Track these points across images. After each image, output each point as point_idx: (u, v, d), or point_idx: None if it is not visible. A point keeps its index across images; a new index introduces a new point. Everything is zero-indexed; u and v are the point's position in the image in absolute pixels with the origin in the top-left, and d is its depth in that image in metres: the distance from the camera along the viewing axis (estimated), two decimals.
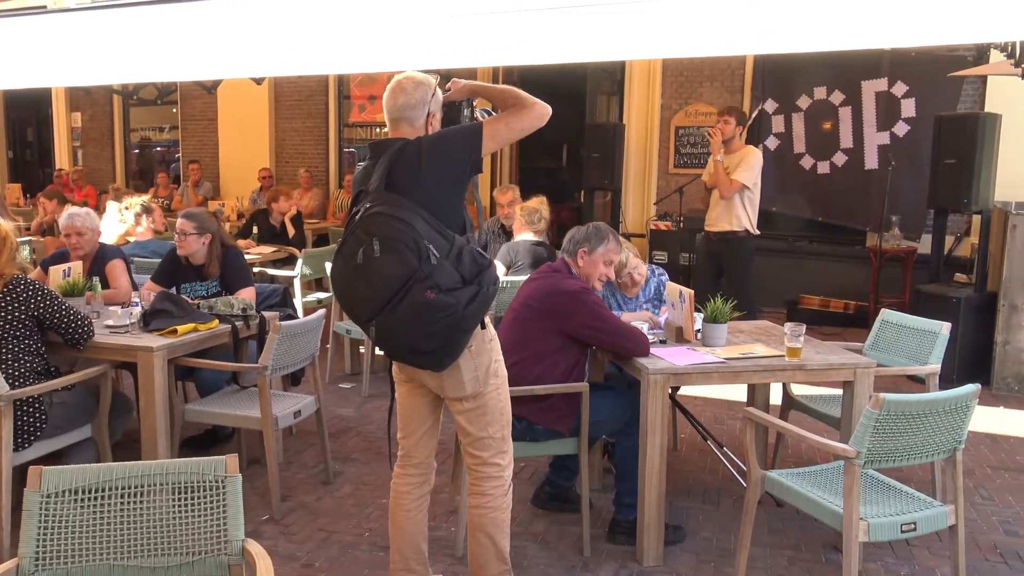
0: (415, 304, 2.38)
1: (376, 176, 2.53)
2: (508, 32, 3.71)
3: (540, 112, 2.60)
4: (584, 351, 3.44)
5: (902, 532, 2.73)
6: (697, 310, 3.66)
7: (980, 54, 7.13)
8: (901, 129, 7.82)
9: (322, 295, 6.76)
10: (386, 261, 2.39)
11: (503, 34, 3.72)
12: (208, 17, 4.41)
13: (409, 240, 2.39)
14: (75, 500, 1.97)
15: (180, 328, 3.75)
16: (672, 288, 3.71)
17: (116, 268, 4.50)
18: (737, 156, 6.04)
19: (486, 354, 2.64)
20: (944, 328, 3.83)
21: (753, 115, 8.48)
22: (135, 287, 4.59)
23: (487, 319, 2.64)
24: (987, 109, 7.12)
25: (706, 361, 3.32)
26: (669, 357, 3.33)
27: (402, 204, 2.45)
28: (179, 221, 4.39)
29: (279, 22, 4.23)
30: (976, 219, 6.79)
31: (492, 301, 2.58)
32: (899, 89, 7.78)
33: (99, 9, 4.88)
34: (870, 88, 7.92)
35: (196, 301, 4.15)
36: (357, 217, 2.51)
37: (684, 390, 4.92)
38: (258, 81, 9.69)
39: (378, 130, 10.92)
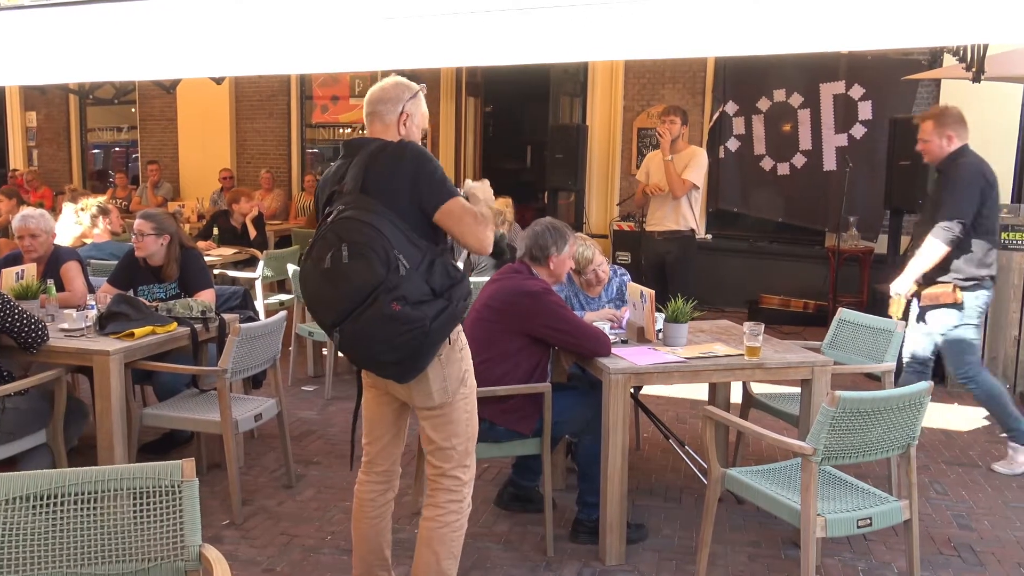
0: (380, 315, 2.33)
1: (351, 177, 2.47)
2: (472, 33, 3.71)
3: (483, 239, 2.49)
4: (546, 351, 3.46)
5: (858, 527, 2.78)
6: (658, 310, 3.69)
7: (934, 58, 7.28)
8: (858, 131, 7.96)
9: (284, 297, 6.70)
10: (354, 268, 2.33)
11: (467, 35, 3.72)
12: (166, 14, 4.35)
13: (379, 248, 2.33)
14: (28, 507, 1.93)
15: (137, 331, 3.69)
16: (633, 288, 3.73)
17: (71, 270, 4.42)
18: (685, 155, 6.00)
19: (456, 363, 2.57)
20: (899, 327, 3.90)
21: (714, 117, 8.60)
22: (92, 289, 4.51)
23: (459, 328, 2.58)
24: None
25: (667, 361, 3.35)
26: (630, 357, 3.36)
27: (375, 209, 2.38)
28: (137, 222, 4.33)
29: (238, 20, 4.19)
30: None
31: (462, 317, 2.52)
32: (856, 92, 7.92)
33: (54, 7, 4.79)
34: (828, 91, 8.05)
35: (154, 303, 4.09)
36: (329, 219, 2.44)
37: (647, 389, 4.96)
38: (218, 81, 9.57)
39: (341, 130, 10.84)
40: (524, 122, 10.88)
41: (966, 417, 5.34)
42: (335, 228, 2.40)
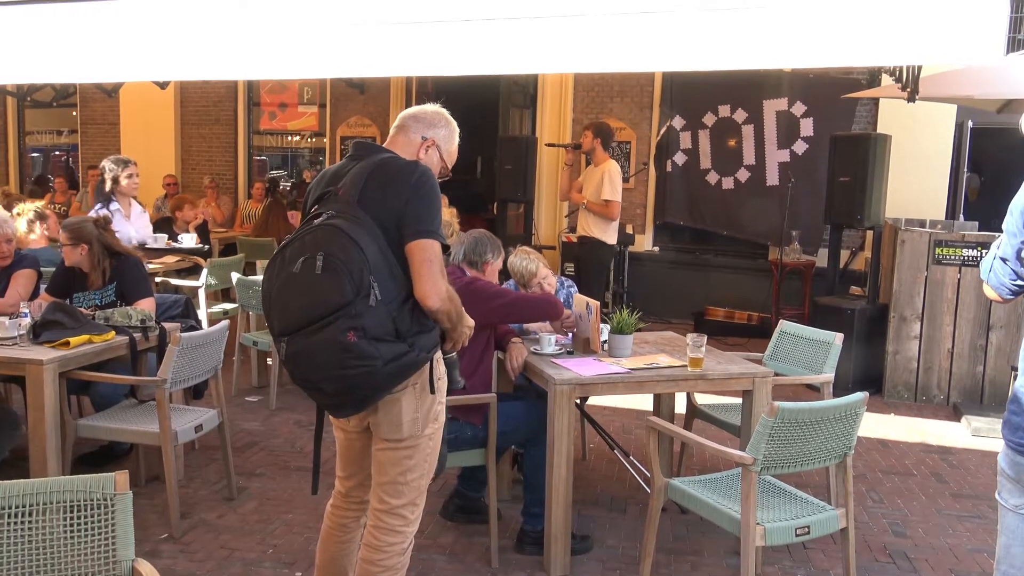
0: (332, 340, 2.15)
1: (350, 182, 2.31)
2: (423, 42, 3.71)
3: (434, 292, 2.27)
4: (490, 347, 3.46)
5: (796, 535, 2.83)
6: (604, 321, 3.73)
7: (872, 77, 7.49)
8: (800, 147, 8.14)
9: (228, 306, 6.59)
10: (323, 281, 2.15)
11: (417, 44, 3.71)
12: (111, 16, 4.26)
13: (356, 268, 2.15)
14: None
15: (73, 340, 3.59)
16: (579, 300, 3.76)
17: (18, 277, 4.31)
18: (599, 172, 6.47)
19: (429, 395, 2.40)
20: (837, 339, 3.98)
21: (662, 131, 8.72)
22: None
23: (438, 357, 2.43)
24: (879, 130, 7.48)
25: (611, 371, 3.37)
26: (575, 368, 3.38)
27: (366, 226, 2.22)
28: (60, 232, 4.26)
29: (183, 23, 4.12)
30: (869, 234, 7.12)
31: (420, 369, 2.34)
32: (798, 109, 8.10)
33: None
34: (771, 107, 8.22)
35: (91, 311, 3.99)
36: (314, 223, 2.26)
37: (594, 400, 4.99)
38: (162, 85, 9.40)
39: (289, 138, 10.74)
40: (474, 133, 10.90)
41: (903, 427, 5.48)
42: (315, 234, 2.22)
